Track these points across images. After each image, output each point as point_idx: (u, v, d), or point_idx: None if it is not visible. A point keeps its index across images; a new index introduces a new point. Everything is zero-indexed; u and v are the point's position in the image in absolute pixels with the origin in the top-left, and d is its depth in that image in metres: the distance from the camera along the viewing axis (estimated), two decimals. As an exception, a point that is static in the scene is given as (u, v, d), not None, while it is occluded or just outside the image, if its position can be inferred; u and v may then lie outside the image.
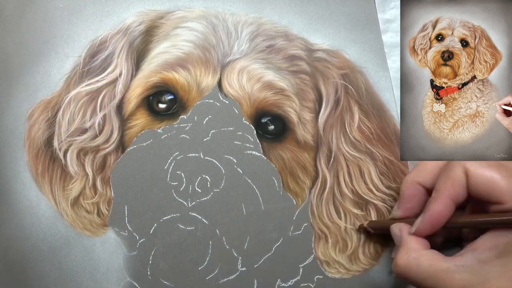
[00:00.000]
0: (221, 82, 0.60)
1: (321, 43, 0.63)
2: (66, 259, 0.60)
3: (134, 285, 0.60)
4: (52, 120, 0.61)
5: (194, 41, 0.60)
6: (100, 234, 0.60)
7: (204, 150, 0.60)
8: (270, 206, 0.60)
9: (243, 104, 0.60)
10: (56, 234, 0.60)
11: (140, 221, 0.60)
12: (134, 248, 0.60)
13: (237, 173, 0.60)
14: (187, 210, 0.60)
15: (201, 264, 0.60)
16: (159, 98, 0.60)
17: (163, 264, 0.60)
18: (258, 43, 0.61)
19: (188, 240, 0.60)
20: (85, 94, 0.61)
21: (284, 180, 0.61)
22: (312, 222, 0.61)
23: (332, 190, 0.61)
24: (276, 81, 0.60)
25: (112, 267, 0.60)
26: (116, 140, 0.60)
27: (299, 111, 0.61)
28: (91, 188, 0.60)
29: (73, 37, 0.61)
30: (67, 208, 0.60)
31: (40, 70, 0.61)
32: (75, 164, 0.60)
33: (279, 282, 0.61)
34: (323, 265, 0.61)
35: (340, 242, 0.61)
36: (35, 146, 0.61)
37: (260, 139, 0.60)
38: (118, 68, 0.61)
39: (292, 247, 0.61)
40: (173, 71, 0.60)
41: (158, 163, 0.60)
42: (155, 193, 0.60)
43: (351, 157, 0.61)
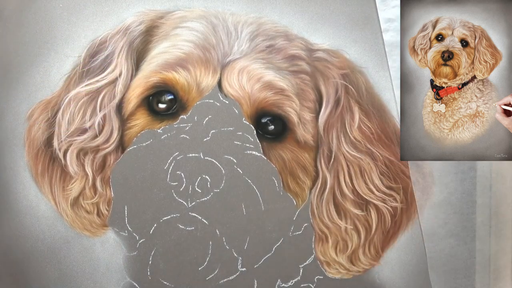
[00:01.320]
0: (221, 82, 0.60)
1: (321, 43, 0.63)
2: (66, 259, 0.60)
3: (134, 286, 0.60)
4: (51, 120, 0.61)
5: (194, 41, 0.60)
6: (100, 234, 0.60)
7: (204, 150, 0.60)
8: (270, 206, 0.60)
9: (243, 104, 0.60)
10: (55, 234, 0.60)
11: (140, 221, 0.60)
12: (134, 249, 0.60)
13: (237, 173, 0.60)
14: (187, 210, 0.59)
15: (201, 264, 0.60)
16: (159, 98, 0.60)
17: (163, 264, 0.60)
18: (258, 43, 0.61)
19: (188, 240, 0.60)
20: (84, 94, 0.60)
21: (284, 180, 0.60)
22: (313, 222, 0.61)
23: (332, 190, 0.61)
24: (276, 81, 0.60)
25: (112, 267, 0.60)
26: (116, 140, 0.60)
27: (299, 111, 0.60)
28: (91, 188, 0.60)
29: (72, 37, 0.61)
30: (66, 208, 0.60)
31: (39, 70, 0.61)
32: (75, 164, 0.60)
33: (279, 283, 0.61)
34: (323, 265, 0.61)
35: (340, 243, 0.61)
36: (34, 146, 0.61)
37: (260, 139, 0.60)
38: (118, 68, 0.60)
39: (292, 247, 0.61)
40: (173, 71, 0.59)
41: (158, 163, 0.60)
42: (155, 193, 0.60)
43: (352, 157, 0.61)
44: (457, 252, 0.61)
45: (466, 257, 0.61)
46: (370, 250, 0.61)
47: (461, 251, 0.61)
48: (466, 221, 0.61)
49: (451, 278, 0.61)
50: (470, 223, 0.61)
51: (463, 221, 0.61)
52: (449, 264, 0.61)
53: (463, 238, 0.61)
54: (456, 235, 0.61)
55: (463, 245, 0.61)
